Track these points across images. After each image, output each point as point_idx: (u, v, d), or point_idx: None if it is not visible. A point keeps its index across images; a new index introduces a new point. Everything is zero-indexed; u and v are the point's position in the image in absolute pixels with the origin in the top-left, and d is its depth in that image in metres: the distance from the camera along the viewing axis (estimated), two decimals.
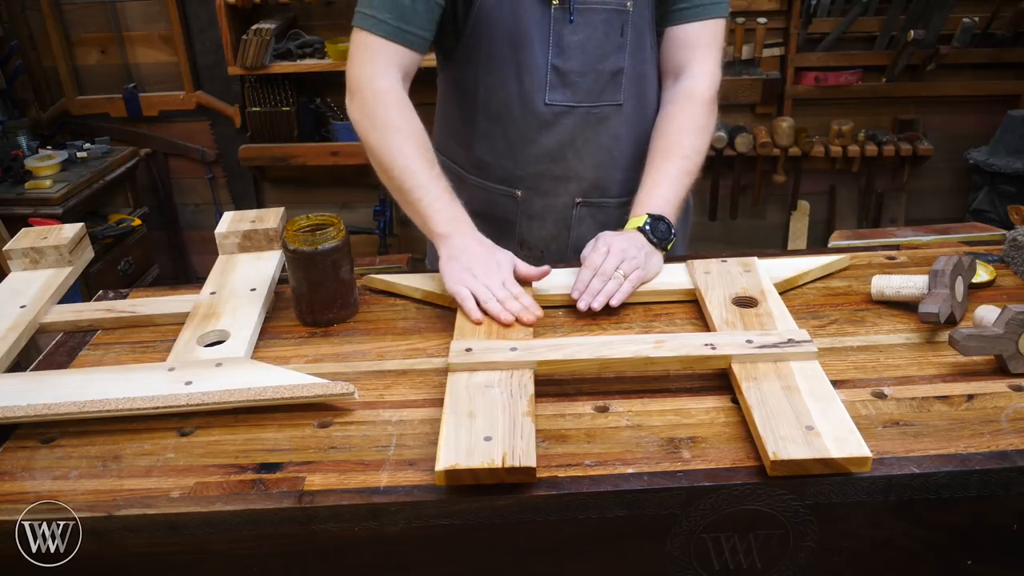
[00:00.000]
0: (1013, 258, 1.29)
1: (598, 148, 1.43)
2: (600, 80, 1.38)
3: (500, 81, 1.39)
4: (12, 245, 1.36)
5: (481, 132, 1.45)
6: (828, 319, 1.17)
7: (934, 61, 3.08)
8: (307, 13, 3.26)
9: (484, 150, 1.46)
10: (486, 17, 1.34)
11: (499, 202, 1.49)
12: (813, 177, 3.43)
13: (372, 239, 3.49)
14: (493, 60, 1.37)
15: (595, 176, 1.46)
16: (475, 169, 1.49)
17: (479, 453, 0.86)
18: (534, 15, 1.33)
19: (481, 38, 1.36)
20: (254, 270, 1.32)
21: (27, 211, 2.87)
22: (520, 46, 1.35)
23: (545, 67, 1.36)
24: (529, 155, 1.43)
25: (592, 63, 1.36)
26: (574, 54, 1.35)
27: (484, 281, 1.15)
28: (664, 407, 0.99)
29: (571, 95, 1.38)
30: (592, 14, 1.33)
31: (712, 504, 0.86)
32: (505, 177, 1.47)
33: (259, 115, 3.24)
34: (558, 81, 1.37)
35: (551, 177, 1.46)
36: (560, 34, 1.34)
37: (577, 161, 1.44)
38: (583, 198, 1.47)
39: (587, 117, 1.40)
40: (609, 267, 1.18)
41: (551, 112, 1.39)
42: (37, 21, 3.30)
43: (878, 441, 0.91)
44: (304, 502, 0.86)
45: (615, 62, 1.37)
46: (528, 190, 1.47)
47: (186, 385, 1.02)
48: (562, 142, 1.42)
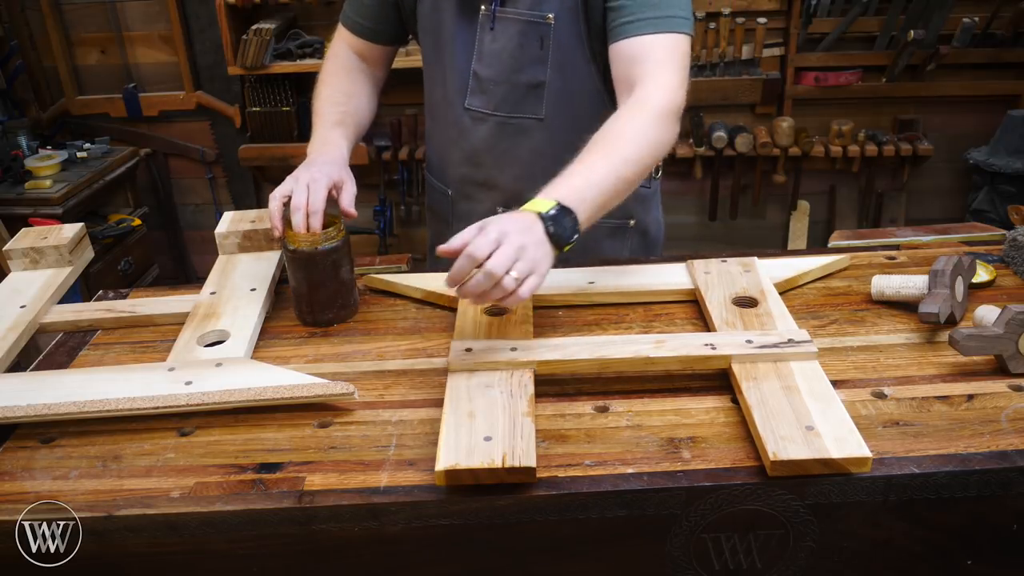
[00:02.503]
0: (1013, 258, 1.29)
1: (516, 160, 1.43)
2: (516, 91, 1.37)
3: (434, 82, 1.48)
4: (12, 245, 1.36)
5: (430, 129, 1.58)
6: (828, 319, 1.17)
7: (934, 61, 3.07)
8: (307, 13, 3.26)
9: (431, 146, 1.60)
10: (423, 18, 1.42)
11: (438, 199, 1.60)
12: (813, 177, 3.43)
13: (372, 239, 3.49)
14: (429, 63, 1.47)
15: (515, 188, 1.43)
16: (428, 164, 1.64)
17: (479, 453, 0.86)
18: (462, 21, 1.37)
19: (424, 39, 1.45)
20: (254, 270, 1.32)
21: (27, 211, 2.86)
22: (444, 50, 1.40)
23: (467, 72, 1.39)
24: (453, 158, 1.50)
25: (507, 73, 1.36)
26: (492, 62, 1.37)
27: (294, 183, 1.20)
28: (664, 407, 0.99)
29: (487, 102, 1.40)
30: (510, 24, 1.34)
31: (712, 504, 0.86)
32: (441, 176, 1.57)
33: (259, 115, 3.24)
34: (477, 87, 1.39)
35: (473, 182, 1.50)
36: (482, 40, 1.37)
37: (496, 170, 1.45)
38: (504, 207, 1.44)
39: (504, 127, 1.41)
40: (498, 265, 0.96)
41: (470, 117, 1.42)
42: (37, 21, 3.29)
43: (878, 441, 0.91)
44: (304, 502, 0.86)
45: (533, 74, 1.36)
46: (456, 191, 1.54)
47: (186, 385, 1.02)
48: (478, 148, 1.44)
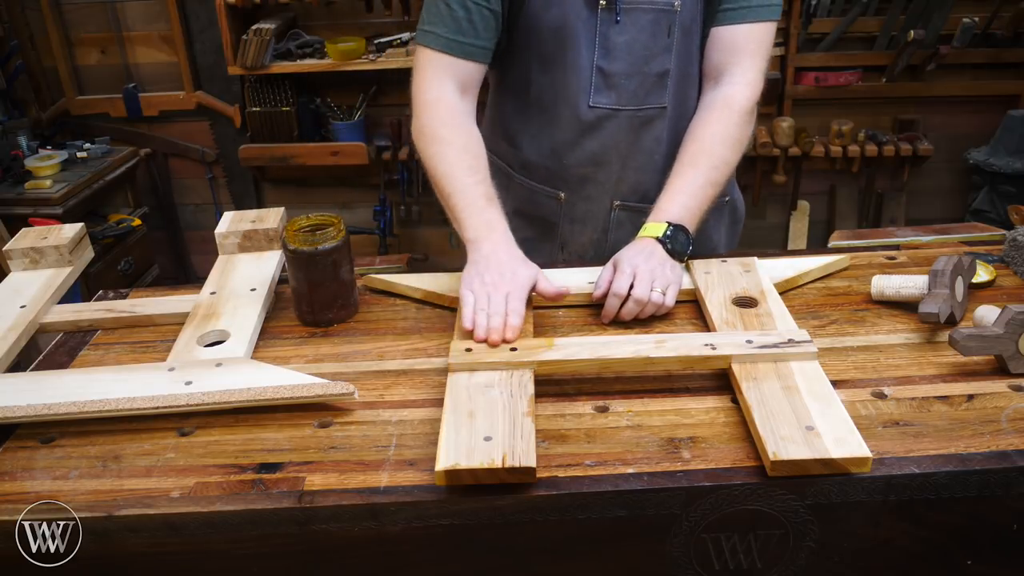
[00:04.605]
0: (1013, 258, 1.29)
1: (641, 152, 1.40)
2: (646, 82, 1.34)
3: (548, 82, 1.36)
4: (12, 245, 1.36)
5: (530, 132, 1.43)
6: (828, 319, 1.17)
7: (934, 61, 3.07)
8: (307, 13, 3.25)
9: (532, 150, 1.45)
10: (534, 17, 1.31)
11: (543, 203, 1.47)
12: (813, 177, 3.43)
13: (372, 239, 3.49)
14: (542, 61, 1.35)
15: (636, 180, 1.43)
16: (522, 168, 1.48)
17: (479, 453, 0.86)
18: (581, 15, 1.29)
19: (531, 38, 1.34)
20: (254, 270, 1.32)
21: (27, 211, 2.86)
22: (565, 47, 1.32)
23: (590, 69, 1.33)
24: (573, 158, 1.41)
25: (638, 65, 1.32)
26: (620, 55, 1.31)
27: (489, 290, 1.12)
28: (664, 407, 0.99)
29: (616, 98, 1.35)
30: (639, 14, 1.29)
31: (712, 504, 0.86)
32: (550, 178, 1.45)
33: (259, 115, 3.24)
34: (603, 83, 1.33)
35: (594, 181, 1.43)
36: (606, 35, 1.30)
37: (620, 165, 1.41)
38: (622, 201, 1.45)
39: (631, 120, 1.37)
40: (642, 292, 1.14)
41: (595, 115, 1.36)
42: (37, 21, 3.29)
43: (878, 441, 0.91)
44: (304, 502, 0.86)
45: (661, 64, 1.33)
46: (572, 193, 1.45)
47: (186, 385, 1.02)
48: (606, 146, 1.39)
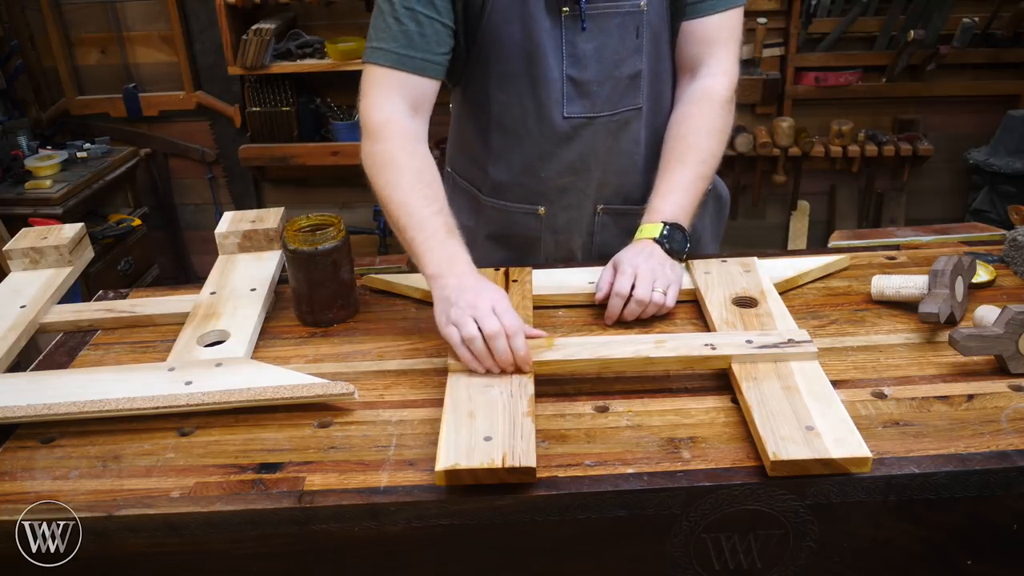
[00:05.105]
0: (1013, 258, 1.29)
1: (621, 155, 1.38)
2: (619, 86, 1.32)
3: (514, 98, 1.33)
4: (12, 245, 1.36)
5: (496, 152, 1.39)
6: (828, 319, 1.17)
7: (934, 61, 3.07)
8: (307, 13, 3.25)
9: (501, 170, 1.40)
10: (494, 32, 1.27)
11: (521, 221, 1.44)
12: (813, 177, 3.43)
13: (372, 239, 3.49)
14: (505, 77, 1.31)
15: (618, 183, 1.41)
16: (492, 191, 1.43)
17: (479, 453, 0.86)
18: (544, 26, 1.26)
19: (490, 54, 1.30)
20: (254, 270, 1.32)
21: (27, 211, 2.86)
22: (533, 60, 1.28)
23: (560, 79, 1.29)
24: (551, 170, 1.38)
25: (609, 70, 1.30)
26: (590, 63, 1.29)
27: (471, 313, 1.03)
28: (664, 407, 0.99)
29: (590, 106, 1.32)
30: (605, 19, 1.27)
31: (712, 504, 0.86)
32: (527, 195, 1.42)
33: (259, 115, 3.24)
34: (575, 92, 1.30)
35: (575, 190, 1.40)
36: (573, 43, 1.27)
37: (601, 171, 1.39)
38: (605, 205, 1.43)
39: (608, 125, 1.35)
40: (643, 292, 1.15)
41: (570, 125, 1.33)
42: (37, 21, 3.29)
43: (878, 441, 0.91)
44: (304, 502, 0.86)
45: (633, 66, 1.31)
46: (551, 205, 1.42)
47: (186, 385, 1.02)
48: (584, 154, 1.36)
